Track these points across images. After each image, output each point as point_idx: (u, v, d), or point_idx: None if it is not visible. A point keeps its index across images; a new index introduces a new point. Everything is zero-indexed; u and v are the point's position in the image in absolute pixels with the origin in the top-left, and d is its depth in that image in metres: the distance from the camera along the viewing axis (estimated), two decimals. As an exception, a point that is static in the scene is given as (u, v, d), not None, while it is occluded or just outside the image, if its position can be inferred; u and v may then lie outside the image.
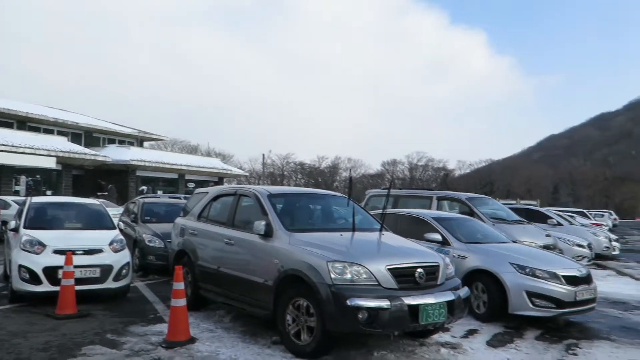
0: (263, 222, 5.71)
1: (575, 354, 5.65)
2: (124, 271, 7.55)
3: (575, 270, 6.98)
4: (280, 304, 5.24)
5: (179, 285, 5.49)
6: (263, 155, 77.24)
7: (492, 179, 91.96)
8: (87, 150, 31.00)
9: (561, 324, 7.08)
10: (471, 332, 6.32)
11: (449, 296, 5.08)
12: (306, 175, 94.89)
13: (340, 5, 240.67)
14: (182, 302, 5.44)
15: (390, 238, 5.95)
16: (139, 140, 42.42)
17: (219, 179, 43.47)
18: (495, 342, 5.95)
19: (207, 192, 7.69)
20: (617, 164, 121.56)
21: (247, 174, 62.07)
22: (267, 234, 5.67)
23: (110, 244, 7.64)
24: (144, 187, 33.05)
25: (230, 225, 6.53)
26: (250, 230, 5.89)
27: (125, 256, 7.70)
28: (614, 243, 17.05)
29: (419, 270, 5.06)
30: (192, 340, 5.49)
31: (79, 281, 6.87)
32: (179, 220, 7.88)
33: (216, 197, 7.33)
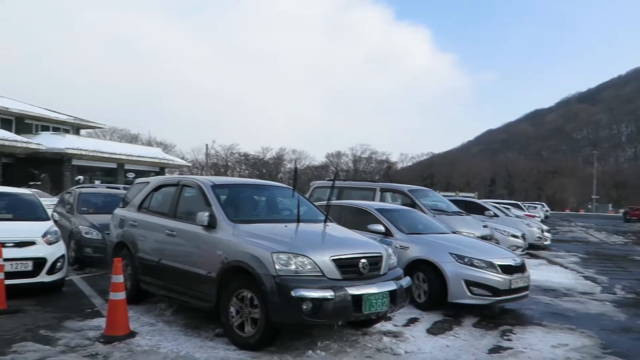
0: (206, 213, 5.61)
1: (509, 339, 5.88)
2: (59, 264, 7.24)
3: (510, 259, 7.27)
4: (224, 296, 5.18)
5: (118, 278, 5.31)
6: (206, 145, 76.20)
7: (432, 172, 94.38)
8: (18, 138, 29.44)
9: (497, 311, 7.35)
10: (412, 321, 6.46)
11: (392, 286, 5.17)
12: (250, 167, 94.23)
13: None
14: (121, 295, 5.28)
15: (334, 229, 5.99)
16: (75, 128, 40.73)
17: (161, 169, 42.42)
18: (435, 330, 6.12)
19: (148, 183, 7.47)
20: (549, 158, 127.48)
21: (189, 164, 60.97)
22: (211, 225, 5.57)
23: (44, 235, 7.30)
24: (81, 177, 31.71)
25: (172, 216, 6.38)
26: (193, 222, 5.77)
27: (59, 248, 7.38)
28: (545, 234, 17.88)
29: (363, 260, 5.12)
30: (132, 334, 5.34)
31: (9, 275, 6.52)
32: (118, 211, 7.63)
33: (158, 188, 7.14)
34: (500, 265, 6.99)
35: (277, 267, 4.76)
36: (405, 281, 5.51)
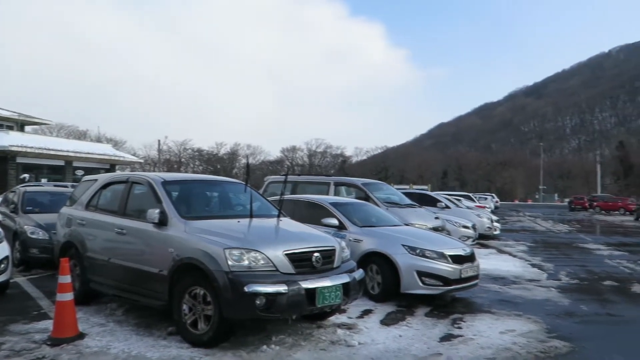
0: (157, 210, 5.51)
1: (460, 327, 6.05)
2: (2, 266, 6.96)
3: (460, 249, 7.46)
4: (176, 294, 5.11)
5: (65, 279, 5.17)
6: (159, 141, 74.64)
7: (387, 165, 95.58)
8: (-43, 135, 28.11)
9: (448, 300, 7.54)
10: (366, 313, 6.55)
11: (345, 279, 5.23)
12: (204, 162, 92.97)
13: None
14: (68, 296, 5.13)
15: (287, 224, 5.99)
16: (19, 124, 39.17)
17: (111, 166, 41.30)
18: (388, 321, 6.22)
19: (96, 180, 7.27)
20: (498, 150, 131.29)
21: (141, 160, 59.48)
22: (162, 222, 5.48)
23: (-14, 237, 7.01)
24: (26, 175, 30.50)
25: (121, 214, 6.23)
26: (144, 219, 5.66)
27: (3, 249, 7.09)
28: (495, 224, 18.42)
29: (316, 254, 5.15)
30: (81, 335, 5.20)
31: (-52, 279, 6.25)
32: (65, 210, 7.40)
33: (106, 185, 6.96)
34: (450, 256, 7.16)
35: (229, 263, 4.73)
36: (359, 274, 5.58)
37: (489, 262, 11.64)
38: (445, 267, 7.03)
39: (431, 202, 16.04)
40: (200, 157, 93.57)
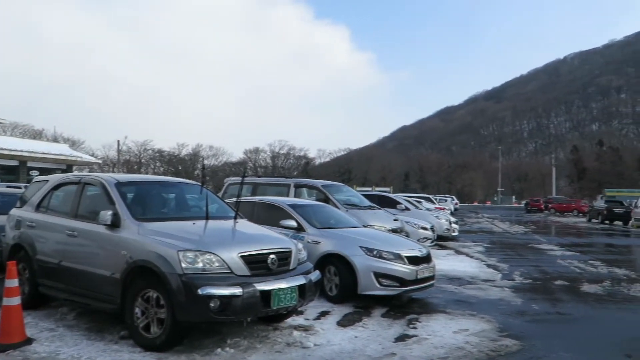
0: (109, 212, 5.39)
1: (415, 328, 6.13)
2: (-54, 270, 6.70)
3: (417, 250, 7.56)
4: (129, 297, 5.01)
5: (12, 283, 5.00)
6: (118, 141, 73.03)
7: (350, 167, 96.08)
8: None
9: (405, 300, 7.64)
10: (323, 314, 6.57)
11: (301, 280, 5.24)
12: (165, 163, 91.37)
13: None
14: (15, 300, 4.97)
15: (244, 226, 5.96)
16: (-31, 123, 37.71)
17: (68, 166, 40.16)
18: (345, 322, 6.26)
19: (48, 181, 7.06)
20: (458, 153, 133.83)
21: (99, 161, 58.07)
22: (114, 224, 5.36)
23: None
24: (-24, 176, 29.44)
25: (73, 215, 6.07)
26: (96, 221, 5.53)
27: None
28: (453, 225, 18.76)
29: (272, 256, 5.14)
30: (29, 341, 5.04)
31: None
32: (15, 212, 7.16)
33: (58, 186, 6.77)
34: (407, 257, 7.25)
35: (183, 265, 4.67)
36: (315, 275, 5.60)
37: (446, 262, 11.85)
38: (402, 268, 7.11)
39: (391, 204, 16.20)
40: (161, 158, 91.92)
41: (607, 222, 34.53)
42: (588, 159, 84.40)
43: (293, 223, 7.84)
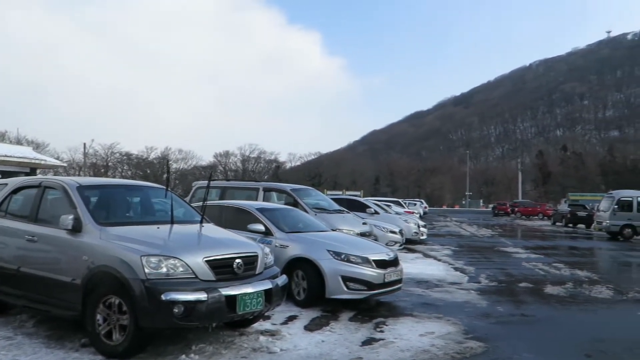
0: (70, 216, 5.25)
1: (382, 331, 6.15)
2: None
3: (384, 254, 7.60)
4: (90, 304, 4.88)
5: (-33, 290, 4.82)
6: (84, 144, 71.53)
7: (320, 171, 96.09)
8: None
9: (373, 304, 7.66)
10: (291, 319, 6.53)
11: (267, 285, 5.20)
12: (134, 167, 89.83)
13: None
14: (-30, 308, 4.80)
15: (210, 230, 5.88)
16: None
17: (31, 169, 38.97)
18: (312, 326, 6.23)
19: (6, 184, 6.85)
20: (428, 157, 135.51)
21: (65, 164, 56.76)
22: (75, 228, 5.22)
23: None
24: None
25: (33, 220, 5.89)
26: (57, 225, 5.38)
27: None
28: (422, 229, 18.94)
29: (237, 260, 5.09)
30: (-16, 350, 4.88)
31: None
32: (-29, 216, 6.91)
33: (17, 190, 6.56)
34: (374, 260, 7.28)
35: (146, 270, 4.58)
36: (281, 280, 5.56)
37: (414, 266, 11.94)
38: (369, 272, 7.13)
39: (361, 207, 16.24)
40: (129, 161, 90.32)
41: (570, 225, 35.43)
42: (553, 164, 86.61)
43: (261, 227, 7.79)
